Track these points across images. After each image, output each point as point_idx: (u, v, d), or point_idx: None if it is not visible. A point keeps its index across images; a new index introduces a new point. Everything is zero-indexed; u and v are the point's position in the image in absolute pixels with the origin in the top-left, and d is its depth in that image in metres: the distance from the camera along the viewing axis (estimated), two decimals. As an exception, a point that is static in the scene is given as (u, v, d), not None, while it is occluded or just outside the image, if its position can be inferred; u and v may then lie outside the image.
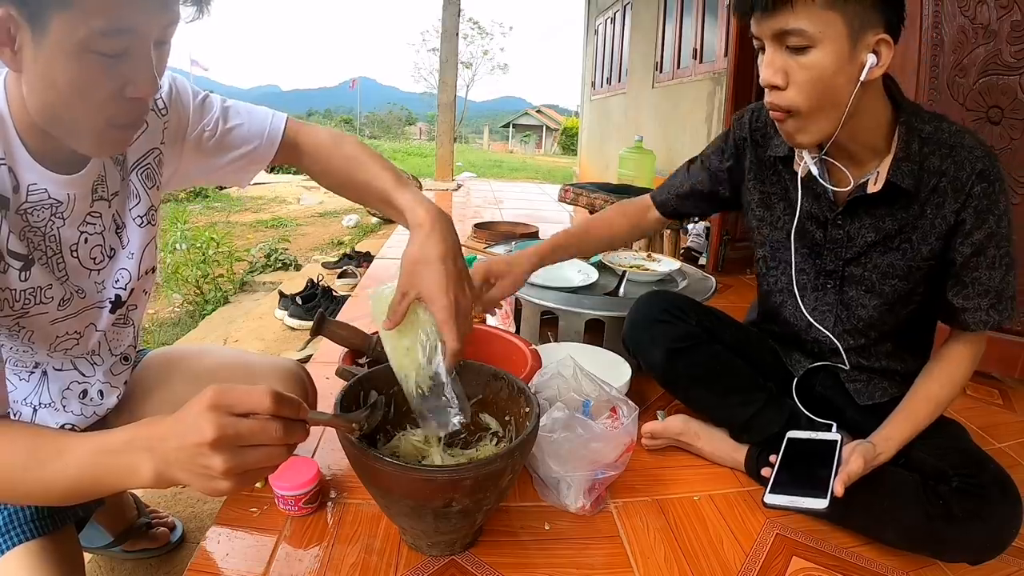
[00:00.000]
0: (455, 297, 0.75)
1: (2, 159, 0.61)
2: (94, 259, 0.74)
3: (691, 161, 1.21)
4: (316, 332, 0.96)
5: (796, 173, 0.99)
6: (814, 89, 0.81)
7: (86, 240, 0.73)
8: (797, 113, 0.84)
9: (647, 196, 1.26)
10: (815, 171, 0.93)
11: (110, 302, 0.78)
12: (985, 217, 0.86)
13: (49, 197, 0.66)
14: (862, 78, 0.79)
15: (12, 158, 0.63)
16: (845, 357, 1.04)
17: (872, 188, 0.91)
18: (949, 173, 0.87)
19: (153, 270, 0.83)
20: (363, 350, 1.01)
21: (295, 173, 9.65)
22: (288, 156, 0.89)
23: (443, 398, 0.79)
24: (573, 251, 1.23)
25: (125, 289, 0.79)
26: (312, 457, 1.04)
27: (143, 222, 0.80)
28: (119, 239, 0.77)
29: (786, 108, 0.84)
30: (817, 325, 1.04)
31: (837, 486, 0.85)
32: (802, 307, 1.04)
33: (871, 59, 0.79)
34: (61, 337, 0.72)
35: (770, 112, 0.87)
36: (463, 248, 0.82)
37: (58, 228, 0.69)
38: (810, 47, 0.79)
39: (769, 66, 0.82)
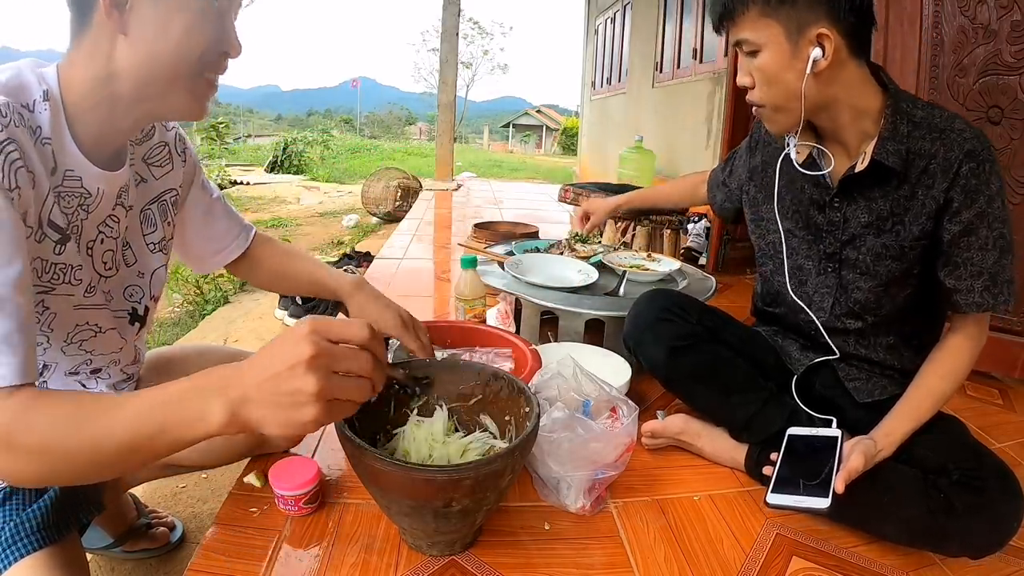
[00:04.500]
0: (400, 317, 1.02)
1: (48, 139, 0.63)
2: (104, 263, 0.76)
3: (729, 158, 1.32)
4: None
5: (786, 158, 1.05)
6: (768, 86, 0.92)
7: (102, 241, 0.74)
8: (763, 107, 0.96)
9: (706, 172, 1.43)
10: (793, 155, 1.02)
11: (128, 313, 0.81)
12: (975, 197, 0.87)
13: (82, 186, 0.68)
14: (808, 71, 0.87)
15: (58, 140, 0.64)
16: (844, 342, 1.05)
17: (860, 167, 0.95)
18: (939, 155, 0.89)
19: (157, 299, 0.87)
20: None
21: (295, 172, 9.67)
22: (247, 259, 1.02)
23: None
24: (651, 203, 1.70)
25: (140, 304, 0.82)
26: (312, 457, 1.04)
27: (156, 248, 0.85)
28: (124, 255, 0.80)
29: (756, 104, 0.97)
30: (805, 309, 1.07)
31: (838, 484, 0.85)
32: (787, 283, 1.08)
33: (815, 52, 0.86)
34: (81, 326, 0.73)
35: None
36: (464, 248, 0.87)
37: (82, 220, 0.70)
38: (758, 51, 0.90)
39: (740, 70, 0.96)
